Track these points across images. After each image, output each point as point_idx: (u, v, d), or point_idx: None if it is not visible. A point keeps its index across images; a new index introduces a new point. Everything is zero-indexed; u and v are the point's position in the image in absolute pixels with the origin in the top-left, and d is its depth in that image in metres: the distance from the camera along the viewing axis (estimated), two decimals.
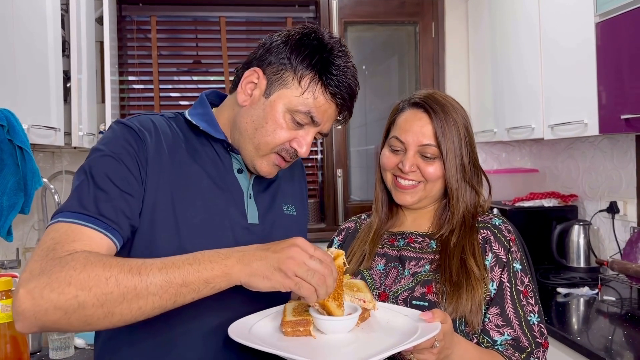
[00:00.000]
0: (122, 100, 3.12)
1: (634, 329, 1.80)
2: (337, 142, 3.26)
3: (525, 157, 3.31)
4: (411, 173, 1.20)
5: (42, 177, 1.77)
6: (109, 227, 0.93)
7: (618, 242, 2.44)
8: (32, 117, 1.80)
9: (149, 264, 0.86)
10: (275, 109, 1.04)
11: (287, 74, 1.04)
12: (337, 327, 0.96)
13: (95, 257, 0.86)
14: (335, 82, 1.04)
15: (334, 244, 1.36)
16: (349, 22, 3.30)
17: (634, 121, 1.85)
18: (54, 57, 2.03)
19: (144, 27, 3.17)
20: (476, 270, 1.14)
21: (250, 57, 1.10)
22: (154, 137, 1.03)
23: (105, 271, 0.84)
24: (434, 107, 1.21)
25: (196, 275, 0.86)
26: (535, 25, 2.49)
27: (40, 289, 0.82)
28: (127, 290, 0.84)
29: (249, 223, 1.09)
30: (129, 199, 0.97)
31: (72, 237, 0.89)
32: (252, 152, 1.08)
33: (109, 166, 0.98)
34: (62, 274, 0.83)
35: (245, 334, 0.94)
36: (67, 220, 0.91)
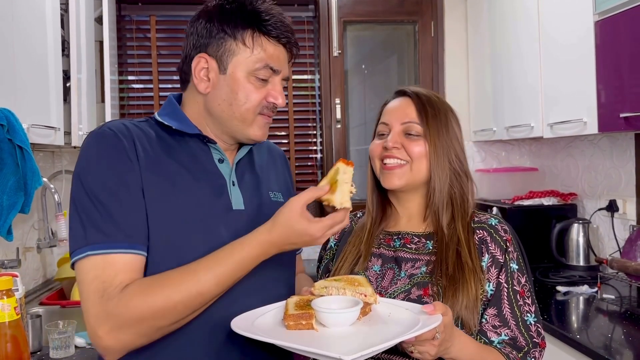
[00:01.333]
0: (121, 100, 3.12)
1: (633, 327, 1.80)
2: (337, 141, 3.27)
3: (524, 155, 3.31)
4: (395, 150, 1.19)
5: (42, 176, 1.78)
6: (134, 244, 0.99)
7: (617, 240, 2.44)
8: (32, 116, 1.80)
9: (202, 274, 0.97)
10: (237, 79, 1.08)
11: (230, 43, 1.08)
12: (339, 319, 0.97)
13: (149, 286, 0.96)
14: (272, 26, 1.08)
15: (331, 242, 1.36)
16: (348, 21, 3.30)
17: (633, 119, 1.86)
18: (53, 56, 2.03)
19: (144, 26, 3.17)
20: (470, 262, 1.13)
21: (187, 52, 1.12)
22: (129, 140, 1.05)
23: (168, 300, 0.95)
24: (418, 92, 1.23)
25: (238, 273, 1.00)
26: (535, 23, 2.49)
27: (118, 329, 0.94)
28: (193, 304, 0.97)
29: (234, 209, 1.11)
30: (137, 206, 1.01)
31: (114, 270, 0.96)
32: (239, 125, 1.11)
33: (106, 182, 1.00)
34: (130, 312, 0.94)
35: (248, 327, 0.96)
36: (98, 252, 0.97)
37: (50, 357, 1.76)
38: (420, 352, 0.98)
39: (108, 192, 0.99)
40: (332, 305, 1.00)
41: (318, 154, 3.35)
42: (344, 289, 1.05)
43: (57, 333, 1.76)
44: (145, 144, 1.07)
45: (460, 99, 3.28)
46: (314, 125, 3.35)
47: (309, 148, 3.35)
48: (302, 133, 3.34)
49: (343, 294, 1.04)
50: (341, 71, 3.28)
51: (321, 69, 3.27)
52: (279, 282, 1.17)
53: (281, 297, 1.09)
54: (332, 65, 3.26)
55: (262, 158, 1.27)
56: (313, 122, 3.34)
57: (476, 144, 3.31)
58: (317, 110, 3.34)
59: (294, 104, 3.31)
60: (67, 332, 1.78)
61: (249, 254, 0.99)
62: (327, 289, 1.06)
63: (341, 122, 3.26)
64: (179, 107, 1.15)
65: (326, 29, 3.24)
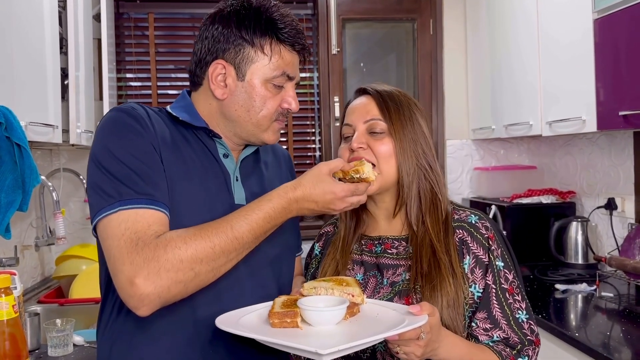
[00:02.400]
0: (119, 98, 3.12)
1: (631, 325, 1.80)
2: (335, 140, 3.26)
3: (523, 153, 3.31)
4: (361, 150, 1.16)
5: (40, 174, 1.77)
6: (161, 203, 1.00)
7: (616, 238, 2.44)
8: (30, 114, 1.79)
9: (235, 222, 1.00)
10: (255, 86, 1.10)
11: (248, 50, 1.09)
12: (324, 318, 0.97)
13: (186, 233, 0.97)
14: (287, 34, 1.11)
15: (315, 250, 1.34)
16: (347, 19, 3.30)
17: (632, 117, 1.86)
18: (51, 54, 2.02)
19: (142, 24, 3.16)
20: (444, 259, 1.11)
21: (201, 55, 1.13)
22: (148, 121, 1.07)
23: (207, 241, 0.96)
24: (379, 90, 1.21)
25: (267, 224, 1.03)
26: (534, 22, 2.49)
27: (156, 273, 0.92)
28: (230, 247, 0.98)
29: (237, 204, 1.12)
30: (160, 170, 1.03)
31: (146, 222, 0.97)
32: (254, 130, 1.14)
33: (133, 147, 1.02)
34: (169, 255, 0.93)
35: (233, 324, 0.96)
36: (128, 207, 0.97)
37: (48, 356, 1.76)
38: (406, 353, 0.96)
39: (134, 155, 1.01)
40: (319, 304, 1.00)
41: (317, 152, 3.34)
42: (332, 289, 1.05)
43: (55, 331, 1.76)
44: (162, 125, 1.10)
45: (459, 97, 3.28)
46: (313, 123, 3.34)
47: (307, 146, 3.34)
48: (301, 131, 3.33)
49: (331, 294, 1.04)
50: (340, 69, 3.28)
51: (320, 66, 3.27)
52: (269, 282, 1.17)
53: (270, 297, 1.09)
54: (330, 63, 3.26)
55: (268, 157, 1.28)
56: (312, 120, 3.34)
57: (475, 142, 3.31)
58: (315, 109, 3.34)
59: None
60: (65, 330, 1.78)
61: (276, 205, 1.02)
62: (316, 289, 1.06)
63: (340, 120, 3.26)
64: (191, 102, 1.18)
65: (325, 27, 3.24)
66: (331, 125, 3.27)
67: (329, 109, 3.27)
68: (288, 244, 1.26)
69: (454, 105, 3.29)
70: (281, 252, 1.21)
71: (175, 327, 1.05)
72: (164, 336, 1.05)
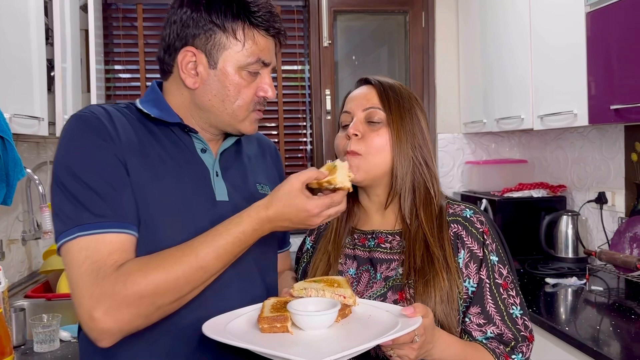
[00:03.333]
0: (107, 90, 3.08)
1: (621, 319, 1.81)
2: (327, 133, 3.24)
3: (514, 147, 3.31)
4: (354, 139, 1.14)
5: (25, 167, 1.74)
6: (126, 223, 0.96)
7: (606, 232, 2.45)
8: (15, 106, 1.76)
9: (200, 249, 0.95)
10: (228, 74, 1.04)
11: (220, 36, 1.03)
12: (315, 322, 0.94)
13: (148, 265, 0.92)
14: (261, 18, 1.04)
15: (307, 244, 1.32)
16: (339, 11, 3.27)
17: (624, 111, 1.85)
18: (37, 45, 1.98)
19: (130, 15, 3.12)
20: (438, 253, 1.10)
21: (169, 41, 1.06)
22: (110, 123, 1.01)
23: (169, 273, 0.92)
24: (380, 79, 1.20)
25: (237, 248, 0.98)
26: (525, 15, 2.48)
27: (116, 308, 0.89)
28: (194, 278, 0.94)
29: (218, 200, 1.08)
30: (125, 186, 0.98)
31: (106, 250, 0.92)
32: (230, 121, 1.08)
33: (92, 162, 0.96)
34: (129, 291, 0.90)
35: (220, 331, 0.92)
36: (87, 233, 0.93)
37: (34, 352, 1.73)
38: (400, 356, 0.95)
39: (95, 172, 0.96)
40: (309, 307, 0.97)
41: (308, 146, 3.32)
42: (323, 290, 1.02)
43: (41, 327, 1.73)
44: (127, 127, 1.03)
45: (450, 90, 3.27)
46: (304, 116, 3.32)
47: (298, 140, 3.32)
48: (292, 124, 3.31)
49: (322, 296, 1.01)
50: (331, 62, 3.25)
51: (311, 59, 3.24)
52: (256, 283, 1.12)
53: (259, 299, 1.05)
54: (322, 55, 3.23)
55: (251, 149, 1.23)
56: (303, 114, 3.32)
57: (466, 135, 3.30)
58: (307, 102, 3.31)
59: (283, 95, 3.28)
60: (51, 325, 1.75)
61: (247, 228, 0.97)
62: (306, 290, 1.03)
63: (331, 113, 3.24)
64: (162, 95, 1.11)
65: (316, 19, 3.21)
66: (322, 118, 3.25)
67: (320, 102, 3.24)
68: (276, 238, 1.23)
69: (446, 99, 3.28)
70: (268, 249, 1.18)
71: (160, 331, 1.00)
72: (148, 340, 1.01)
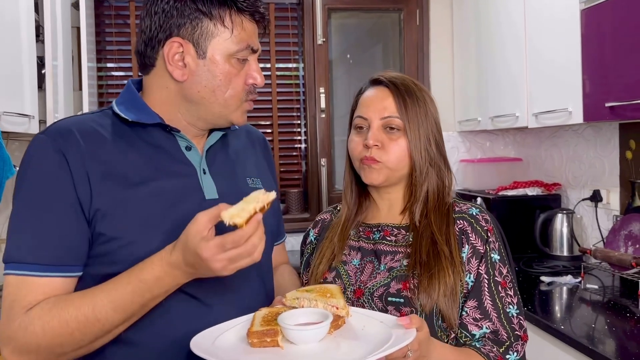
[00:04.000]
0: (100, 88, 3.05)
1: (616, 317, 1.81)
2: (321, 132, 3.23)
3: (509, 146, 3.30)
4: (375, 149, 1.15)
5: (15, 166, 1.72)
6: (55, 267, 0.94)
7: (601, 230, 2.44)
8: (4, 103, 1.75)
9: (98, 300, 0.91)
10: (218, 62, 1.01)
11: (207, 24, 0.99)
12: (306, 336, 0.91)
13: (49, 311, 0.91)
14: (246, 3, 1.01)
15: (310, 236, 1.33)
16: (333, 9, 3.26)
17: (619, 109, 1.85)
18: (27, 42, 1.96)
19: (123, 12, 3.10)
20: (446, 250, 1.11)
21: (150, 34, 1.02)
22: (73, 146, 0.97)
23: (65, 327, 0.91)
24: (395, 82, 1.18)
25: (139, 297, 0.92)
26: (520, 12, 2.47)
27: (19, 354, 0.92)
28: (91, 331, 0.92)
29: (208, 199, 1.05)
30: (69, 223, 0.95)
31: (25, 292, 0.93)
32: (221, 111, 1.05)
33: (37, 196, 0.95)
34: (27, 339, 0.91)
35: (208, 347, 0.89)
36: (15, 273, 0.94)
37: None
38: None
39: (38, 207, 0.95)
40: (301, 319, 0.95)
41: (302, 144, 3.31)
42: (316, 300, 0.99)
43: None
44: (95, 144, 0.99)
45: (445, 88, 3.27)
46: (298, 114, 3.30)
47: (293, 138, 3.31)
48: (286, 122, 3.30)
49: (315, 306, 0.99)
50: (326, 60, 3.24)
51: (305, 57, 3.23)
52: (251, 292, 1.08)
53: (252, 308, 1.02)
54: (316, 53, 3.22)
55: (240, 142, 1.20)
56: (297, 112, 3.30)
57: (461, 134, 3.29)
58: (301, 100, 3.30)
59: (277, 93, 3.26)
60: None
61: (149, 274, 0.90)
62: (299, 300, 1.00)
63: (325, 111, 3.23)
64: (138, 95, 1.07)
65: (310, 17, 3.19)
66: (317, 116, 3.23)
67: (315, 100, 3.23)
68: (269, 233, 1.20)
69: (440, 97, 3.27)
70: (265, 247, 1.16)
71: (151, 339, 0.99)
72: (137, 346, 0.99)
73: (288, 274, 1.29)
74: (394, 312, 1.09)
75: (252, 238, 0.86)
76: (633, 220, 2.17)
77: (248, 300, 1.04)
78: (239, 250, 0.86)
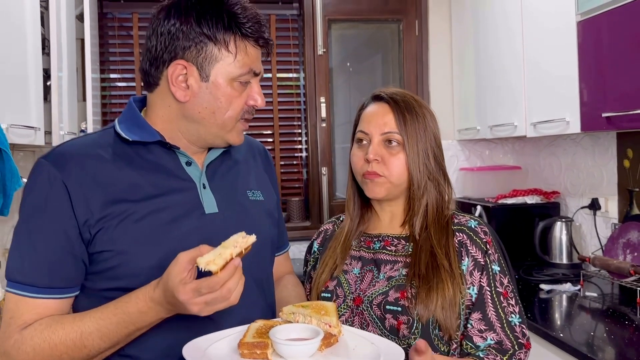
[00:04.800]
0: (103, 99, 3.09)
1: (615, 325, 1.82)
2: (322, 140, 3.26)
3: (508, 154, 3.33)
4: (375, 163, 1.19)
5: (22, 177, 1.74)
6: (49, 289, 0.99)
7: (600, 238, 2.46)
8: (11, 116, 1.77)
9: (87, 334, 0.96)
10: (220, 86, 1.03)
11: (211, 49, 1.01)
12: (296, 351, 0.93)
13: (41, 332, 0.97)
14: (251, 29, 1.03)
15: (314, 247, 1.35)
16: (333, 20, 3.29)
17: (615, 119, 1.88)
18: (33, 55, 1.99)
19: (126, 24, 3.14)
20: (446, 263, 1.13)
21: (156, 53, 1.04)
22: (76, 168, 1.01)
23: (54, 351, 0.96)
24: (396, 98, 1.22)
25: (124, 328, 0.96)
26: (517, 24, 2.51)
27: None
28: (79, 356, 0.97)
29: (207, 213, 1.07)
30: (64, 248, 0.99)
31: (22, 310, 0.99)
32: (218, 132, 1.07)
33: (36, 221, 1.00)
34: (19, 357, 0.97)
35: (199, 355, 0.91)
36: (13, 291, 1.00)
37: None
38: None
39: (34, 232, 0.99)
40: (292, 334, 0.97)
41: (303, 153, 3.34)
42: (310, 316, 1.01)
43: None
44: (95, 167, 1.02)
45: (444, 97, 3.29)
46: (299, 124, 3.33)
47: (294, 147, 3.34)
48: (287, 132, 3.33)
49: (309, 322, 1.01)
50: (326, 69, 3.27)
51: (306, 67, 3.26)
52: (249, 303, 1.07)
53: (249, 320, 1.04)
54: (316, 63, 3.25)
55: (240, 155, 1.22)
56: (298, 121, 3.33)
57: (460, 142, 3.32)
58: (302, 109, 3.33)
59: (279, 103, 3.30)
60: None
61: (133, 307, 0.94)
62: (295, 315, 1.03)
63: (326, 120, 3.26)
64: (139, 113, 1.10)
65: (311, 27, 3.23)
66: (317, 125, 3.26)
67: (315, 109, 3.26)
68: (269, 244, 1.21)
69: (440, 106, 3.30)
70: (264, 261, 1.18)
71: (150, 345, 1.01)
72: (137, 353, 1.02)
73: (292, 285, 1.30)
74: (392, 320, 1.11)
75: (228, 283, 0.88)
76: (631, 228, 2.19)
77: (245, 311, 1.05)
78: (214, 295, 0.88)
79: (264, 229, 1.16)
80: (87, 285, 1.03)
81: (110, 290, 1.00)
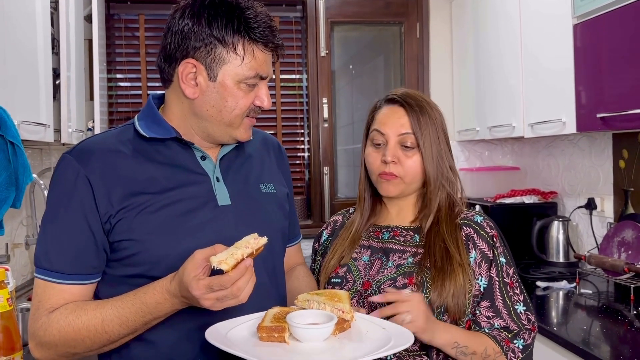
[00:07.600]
0: (110, 98, 3.14)
1: (610, 321, 1.86)
2: (324, 141, 3.31)
3: (506, 155, 3.37)
4: (392, 165, 1.25)
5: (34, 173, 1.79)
6: (73, 276, 1.06)
7: (595, 237, 2.50)
8: (22, 113, 1.82)
9: (108, 320, 1.02)
10: (227, 87, 1.07)
11: (220, 50, 1.05)
12: (312, 335, 0.99)
13: (66, 316, 1.03)
14: (261, 34, 1.06)
15: (323, 236, 1.42)
16: (336, 22, 3.34)
17: (610, 120, 1.92)
18: (43, 54, 2.04)
19: (132, 25, 3.19)
20: (457, 256, 1.20)
21: (169, 50, 1.08)
22: (97, 162, 1.07)
23: (77, 334, 1.03)
24: (409, 101, 1.27)
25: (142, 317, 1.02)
26: (516, 27, 2.55)
27: (40, 347, 1.06)
28: (100, 340, 1.03)
29: (220, 205, 1.12)
30: (88, 237, 1.05)
31: (49, 295, 1.06)
32: (226, 129, 1.11)
33: (60, 210, 1.06)
34: (47, 339, 1.05)
35: (221, 337, 0.97)
36: (43, 278, 1.06)
37: None
38: None
39: (60, 222, 1.06)
40: (308, 319, 1.02)
41: (305, 153, 3.38)
42: (324, 303, 1.07)
43: None
44: (116, 161, 1.08)
45: (444, 99, 3.33)
46: (302, 124, 3.38)
47: (296, 147, 3.38)
48: (290, 132, 3.37)
49: (323, 309, 1.06)
50: (328, 71, 3.32)
51: (309, 68, 3.31)
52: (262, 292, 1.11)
53: (262, 308, 1.08)
54: (319, 65, 3.30)
55: (254, 149, 1.25)
56: (300, 122, 3.38)
57: (460, 143, 3.36)
58: (304, 110, 3.38)
59: (281, 104, 3.34)
60: None
61: (151, 298, 1.00)
62: (309, 302, 1.09)
63: (328, 121, 3.31)
64: (157, 110, 1.15)
65: (314, 29, 3.28)
66: (320, 126, 3.31)
67: (318, 110, 3.31)
68: (280, 237, 1.25)
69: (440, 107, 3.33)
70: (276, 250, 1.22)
71: (170, 331, 1.07)
72: (157, 338, 1.07)
73: (303, 275, 1.34)
74: None
75: (238, 282, 0.92)
76: (626, 227, 2.23)
77: (259, 299, 1.09)
78: (225, 292, 0.93)
79: (275, 220, 1.21)
80: (108, 272, 1.10)
81: (129, 277, 1.07)
